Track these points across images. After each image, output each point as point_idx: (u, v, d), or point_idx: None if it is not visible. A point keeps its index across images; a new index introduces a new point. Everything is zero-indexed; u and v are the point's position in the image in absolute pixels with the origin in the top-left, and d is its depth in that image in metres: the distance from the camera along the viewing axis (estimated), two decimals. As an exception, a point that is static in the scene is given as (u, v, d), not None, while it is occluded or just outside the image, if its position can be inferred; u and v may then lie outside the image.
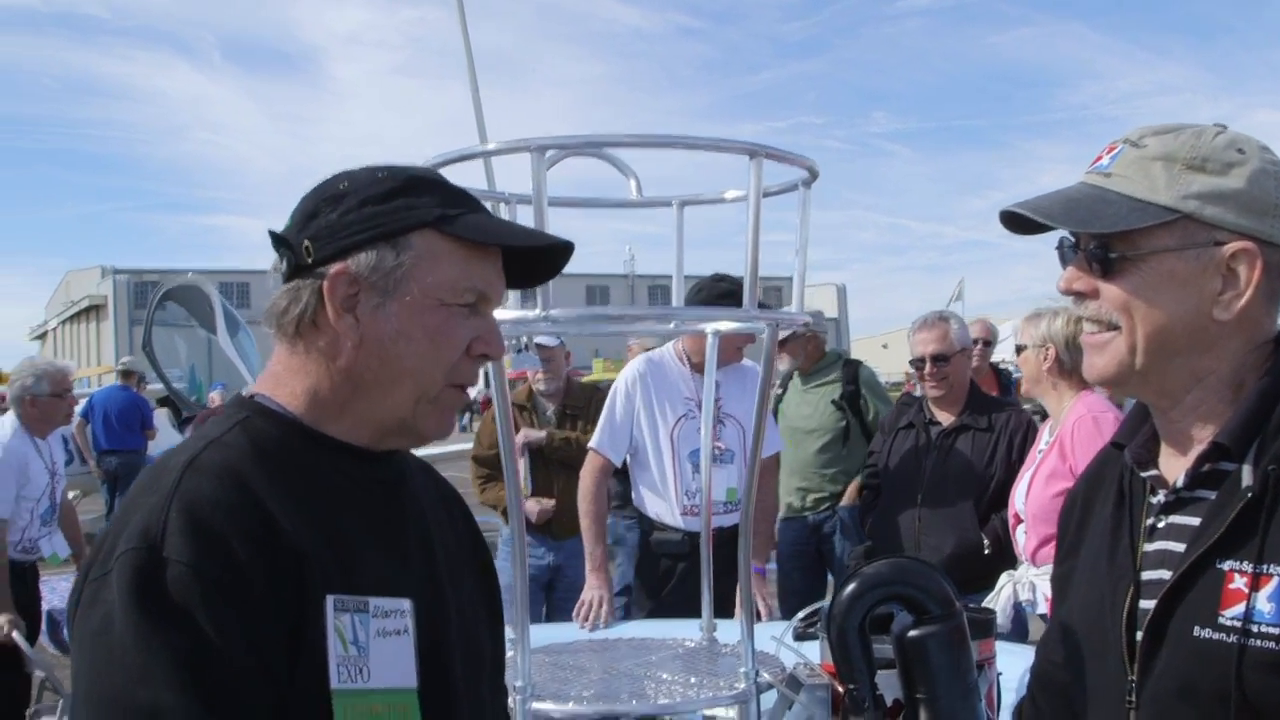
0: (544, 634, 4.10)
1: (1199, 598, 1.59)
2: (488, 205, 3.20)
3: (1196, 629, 1.58)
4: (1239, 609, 1.53)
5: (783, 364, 6.65)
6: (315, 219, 1.65)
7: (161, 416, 16.54)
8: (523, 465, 6.37)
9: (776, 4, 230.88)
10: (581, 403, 6.55)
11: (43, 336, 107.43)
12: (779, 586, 6.54)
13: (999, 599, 4.50)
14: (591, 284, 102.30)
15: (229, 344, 16.72)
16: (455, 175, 2.75)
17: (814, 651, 2.95)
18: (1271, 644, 1.50)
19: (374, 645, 1.55)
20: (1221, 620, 1.55)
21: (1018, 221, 1.75)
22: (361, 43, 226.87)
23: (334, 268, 1.61)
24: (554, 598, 6.45)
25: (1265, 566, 1.53)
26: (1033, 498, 4.44)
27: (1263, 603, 1.52)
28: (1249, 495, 1.57)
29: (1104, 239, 1.67)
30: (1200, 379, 1.69)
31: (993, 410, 5.29)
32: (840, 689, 2.75)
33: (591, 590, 4.77)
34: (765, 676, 2.84)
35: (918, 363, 5.30)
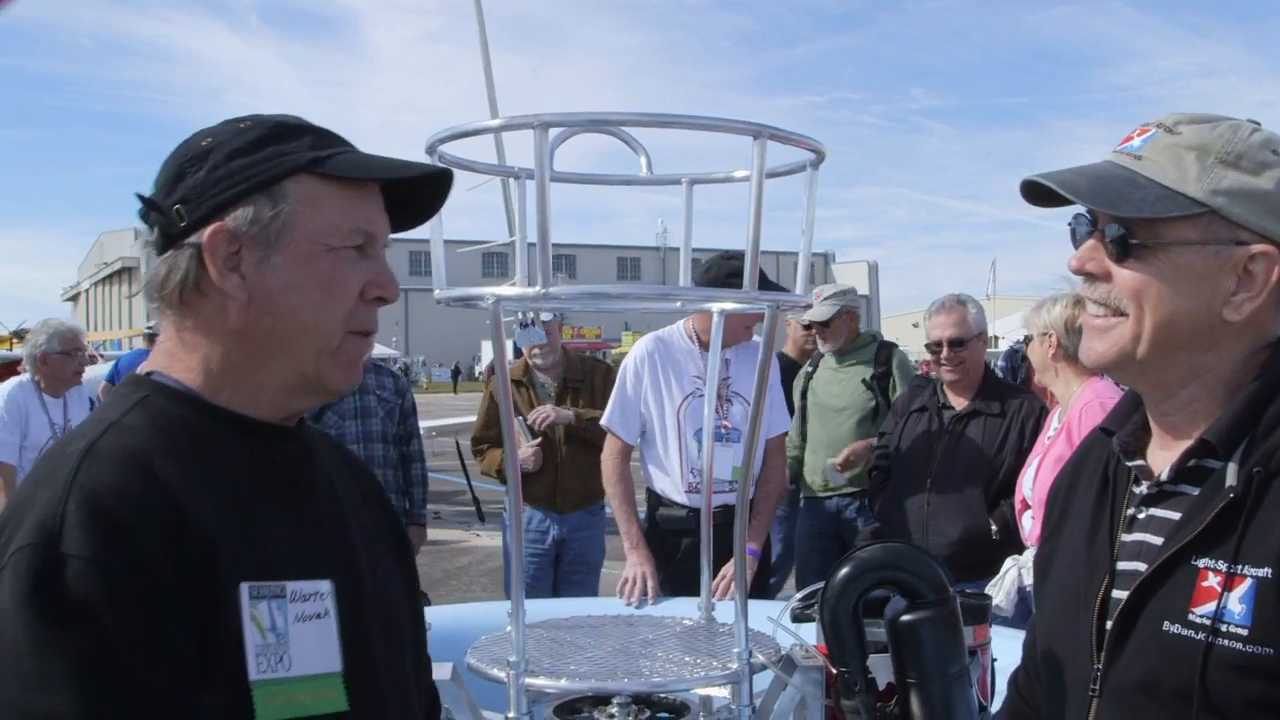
0: (551, 608, 4.12)
1: (1171, 593, 1.58)
2: (496, 182, 3.21)
3: (1166, 624, 1.57)
4: (1210, 607, 1.53)
5: (824, 347, 6.61)
6: (182, 181, 1.57)
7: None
8: (524, 439, 6.37)
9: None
10: (581, 376, 6.54)
11: (75, 298, 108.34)
12: (797, 566, 6.54)
13: (1003, 583, 4.50)
14: (623, 256, 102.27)
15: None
16: (466, 149, 2.77)
17: (811, 633, 2.96)
18: (1239, 644, 1.49)
19: (293, 631, 1.48)
20: (1192, 617, 1.54)
21: (1038, 193, 1.72)
22: (399, 8, 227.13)
23: (211, 227, 1.54)
24: (560, 571, 6.48)
25: (1240, 567, 1.52)
26: (1040, 483, 4.43)
27: (1234, 603, 1.51)
28: (1231, 495, 1.55)
29: (1126, 223, 1.64)
30: (1198, 376, 1.67)
31: (1006, 396, 5.27)
32: (834, 671, 2.77)
33: (633, 567, 4.76)
34: (759, 657, 2.84)
35: (934, 347, 5.28)
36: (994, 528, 4.97)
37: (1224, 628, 1.51)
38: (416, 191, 1.72)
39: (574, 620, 3.41)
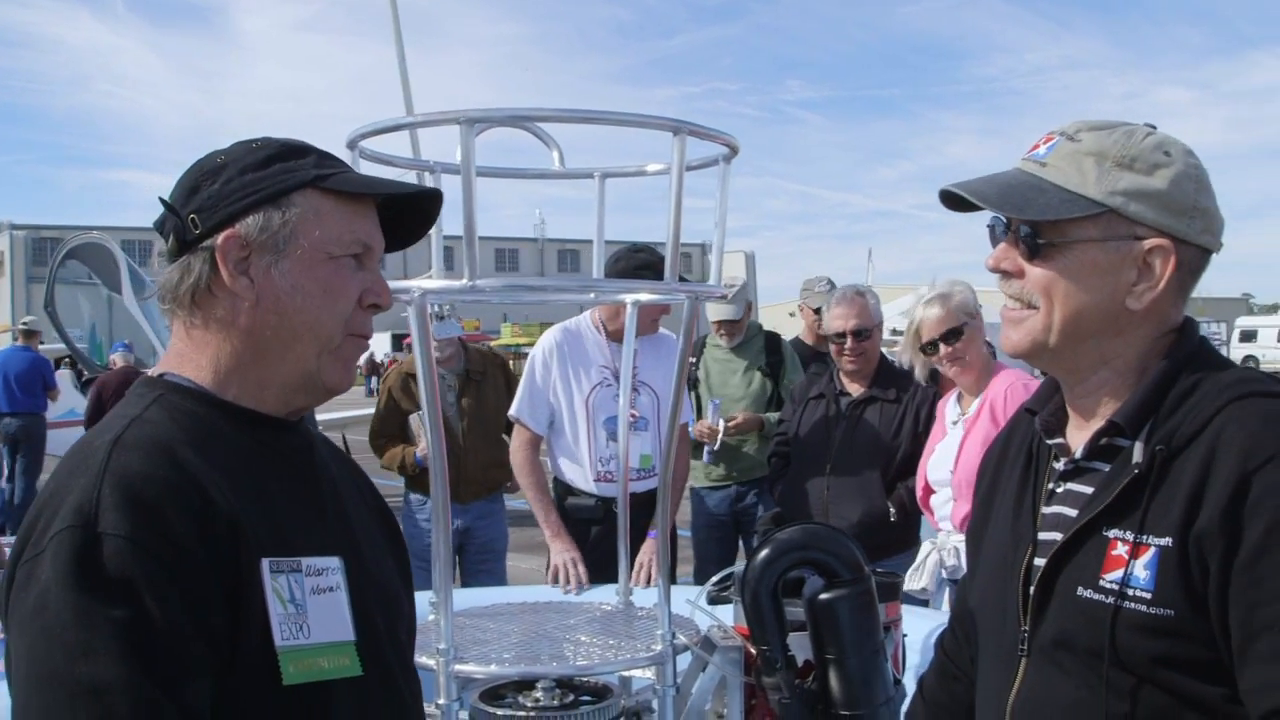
0: (469, 597, 4.17)
1: (1084, 560, 1.72)
2: (414, 175, 3.25)
3: (1080, 589, 1.71)
4: (1118, 574, 1.66)
5: (729, 342, 6.66)
6: (197, 193, 1.70)
7: (64, 377, 16.23)
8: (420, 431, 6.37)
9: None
10: (482, 368, 6.51)
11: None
12: (695, 554, 6.62)
13: (925, 567, 4.61)
14: (500, 247, 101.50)
15: (134, 303, 16.44)
16: (374, 143, 2.79)
17: (728, 614, 3.04)
18: (1143, 607, 1.63)
19: (310, 603, 1.61)
20: (1102, 583, 1.68)
21: (954, 200, 1.86)
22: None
23: (224, 234, 1.67)
24: (466, 560, 6.49)
25: (1144, 537, 1.65)
26: (964, 465, 4.46)
27: (1139, 570, 1.65)
28: (1136, 471, 1.69)
29: (1034, 225, 1.78)
30: (1107, 361, 1.81)
31: (901, 382, 5.39)
32: (753, 650, 2.85)
33: (560, 554, 4.80)
34: (681, 639, 2.92)
35: (837, 338, 5.37)
36: (892, 510, 5.11)
37: (1130, 592, 1.65)
38: (408, 214, 1.86)
39: (494, 608, 3.46)
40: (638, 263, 4.80)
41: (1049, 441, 1.90)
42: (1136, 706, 1.66)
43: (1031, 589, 1.80)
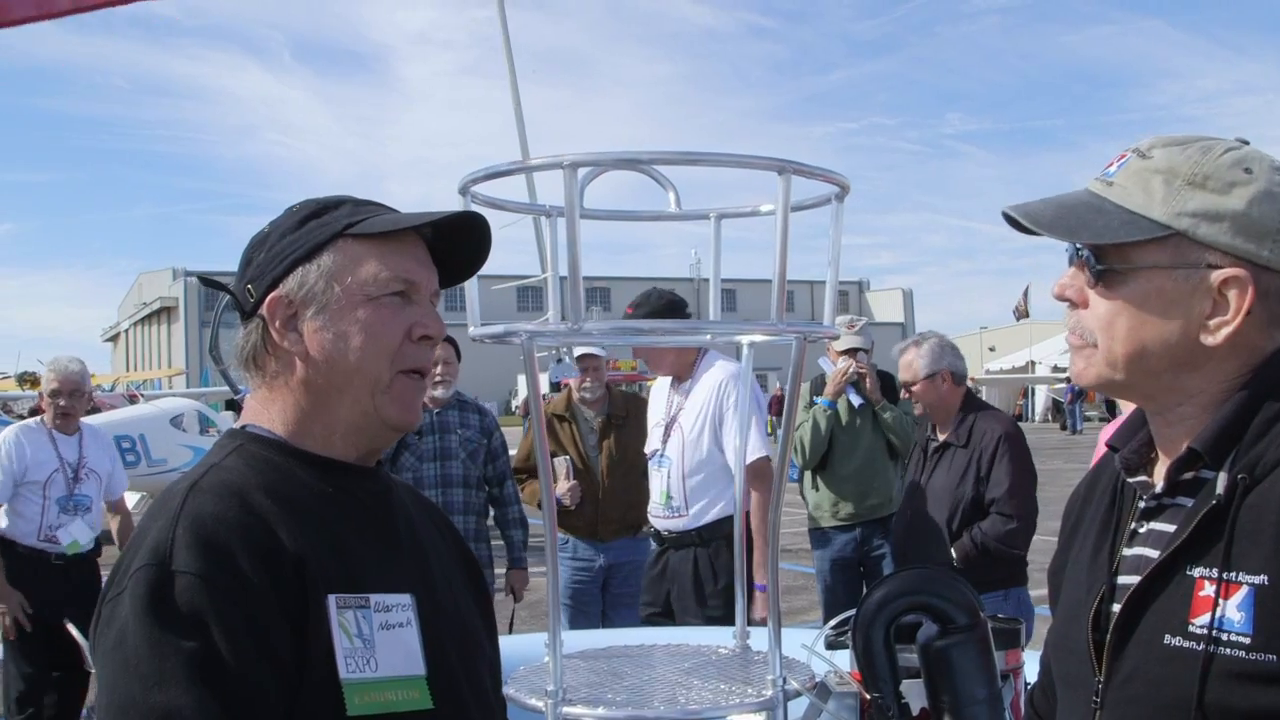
0: (589, 639, 4.17)
1: (1169, 605, 1.58)
2: (529, 218, 3.30)
3: (1167, 637, 1.57)
4: (1207, 617, 1.52)
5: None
6: (250, 264, 1.85)
7: (227, 418, 16.81)
8: (564, 474, 6.47)
9: (849, 2, 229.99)
10: (625, 411, 6.61)
11: (115, 338, 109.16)
12: (822, 597, 6.57)
13: None
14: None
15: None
16: (500, 187, 2.84)
17: (845, 660, 2.99)
18: (1240, 652, 1.48)
19: (379, 638, 1.69)
20: (1191, 628, 1.54)
21: (1019, 222, 1.73)
22: (431, 42, 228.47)
23: (269, 297, 1.80)
24: (609, 596, 6.55)
25: (1233, 574, 1.51)
26: None
27: (1231, 611, 1.50)
28: (1214, 502, 1.55)
29: (1097, 250, 1.65)
30: (1190, 395, 1.66)
31: (974, 425, 5.38)
32: (867, 697, 2.80)
33: None
34: (794, 684, 2.87)
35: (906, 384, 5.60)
36: (954, 557, 5.09)
37: (1224, 636, 1.50)
38: (462, 242, 1.93)
39: (611, 650, 3.45)
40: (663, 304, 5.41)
41: (1129, 480, 1.77)
42: None
43: (1107, 636, 1.67)
